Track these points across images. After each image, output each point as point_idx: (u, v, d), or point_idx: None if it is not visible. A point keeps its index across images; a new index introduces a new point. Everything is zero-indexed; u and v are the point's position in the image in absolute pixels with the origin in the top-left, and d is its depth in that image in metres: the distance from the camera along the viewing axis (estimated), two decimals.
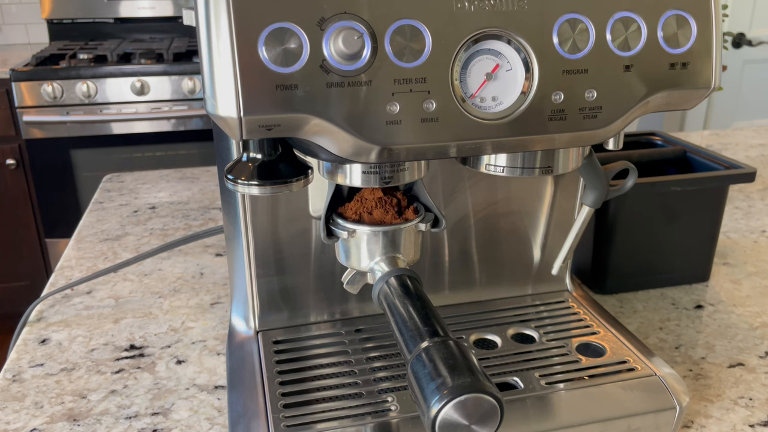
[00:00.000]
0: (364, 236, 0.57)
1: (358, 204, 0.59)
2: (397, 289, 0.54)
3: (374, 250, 0.58)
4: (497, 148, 0.51)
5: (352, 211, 0.59)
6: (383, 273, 0.56)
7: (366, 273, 0.59)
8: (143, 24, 2.73)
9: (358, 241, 0.58)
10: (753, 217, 1.12)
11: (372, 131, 0.46)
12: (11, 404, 0.67)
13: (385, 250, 0.58)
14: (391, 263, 0.57)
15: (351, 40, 0.44)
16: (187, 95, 2.25)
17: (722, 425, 0.64)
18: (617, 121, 0.51)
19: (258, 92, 0.43)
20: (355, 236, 0.58)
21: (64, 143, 2.24)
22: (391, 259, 0.57)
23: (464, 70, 0.47)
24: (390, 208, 0.59)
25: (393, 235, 0.57)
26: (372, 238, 0.57)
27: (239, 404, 0.61)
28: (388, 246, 0.57)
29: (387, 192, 0.60)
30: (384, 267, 0.57)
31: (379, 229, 0.57)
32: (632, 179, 0.67)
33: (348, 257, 0.59)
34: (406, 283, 0.54)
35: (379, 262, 0.57)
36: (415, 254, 0.60)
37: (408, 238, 0.58)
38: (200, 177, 1.32)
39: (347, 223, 0.58)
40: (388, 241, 0.57)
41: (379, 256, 0.58)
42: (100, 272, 0.87)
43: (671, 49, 0.51)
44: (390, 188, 0.60)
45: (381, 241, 0.57)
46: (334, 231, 0.58)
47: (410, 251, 0.59)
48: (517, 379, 0.62)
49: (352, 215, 0.59)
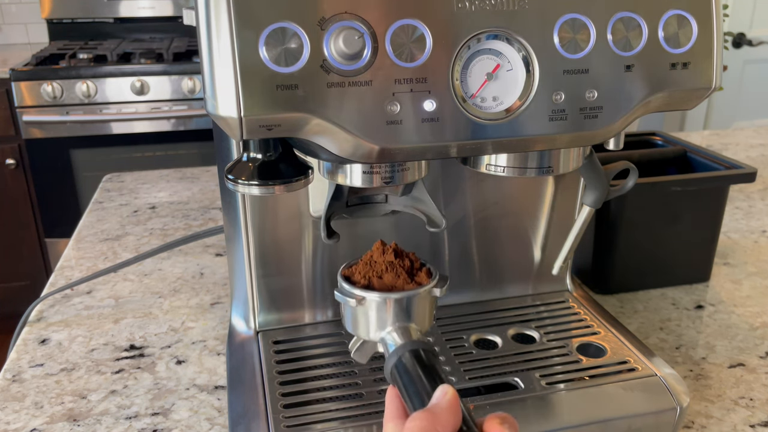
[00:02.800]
0: (374, 304, 0.53)
1: (367, 267, 0.55)
2: (412, 368, 0.48)
3: (385, 319, 0.53)
4: (498, 148, 0.51)
5: (361, 275, 0.54)
6: (396, 347, 0.51)
7: (375, 342, 0.55)
8: (143, 24, 2.73)
9: (367, 309, 0.53)
10: (753, 217, 1.12)
11: (372, 131, 0.46)
12: (11, 404, 0.67)
13: (397, 319, 0.53)
14: (404, 334, 0.52)
15: (351, 39, 0.44)
16: (187, 95, 2.25)
17: (723, 425, 0.64)
18: (618, 121, 0.51)
19: (258, 92, 0.43)
20: (365, 304, 0.53)
21: (64, 143, 2.24)
22: (403, 329, 0.52)
23: (465, 70, 0.47)
24: (401, 272, 0.54)
25: (406, 303, 0.53)
26: (382, 306, 0.52)
27: (239, 404, 0.61)
28: (401, 314, 0.53)
29: (398, 254, 0.56)
30: (396, 338, 0.52)
31: (391, 297, 0.52)
32: (633, 179, 0.67)
33: (356, 326, 0.55)
34: (423, 359, 0.49)
35: (391, 332, 0.52)
36: (429, 322, 0.55)
37: (422, 305, 0.53)
38: (200, 177, 1.32)
39: (355, 290, 0.53)
40: (401, 309, 0.53)
41: (390, 325, 0.53)
42: (100, 272, 0.86)
43: (672, 49, 0.50)
44: (401, 249, 0.56)
45: (392, 310, 0.52)
46: (341, 298, 0.54)
47: (424, 319, 0.54)
48: (517, 379, 0.62)
49: (361, 279, 0.54)
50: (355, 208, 0.65)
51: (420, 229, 0.71)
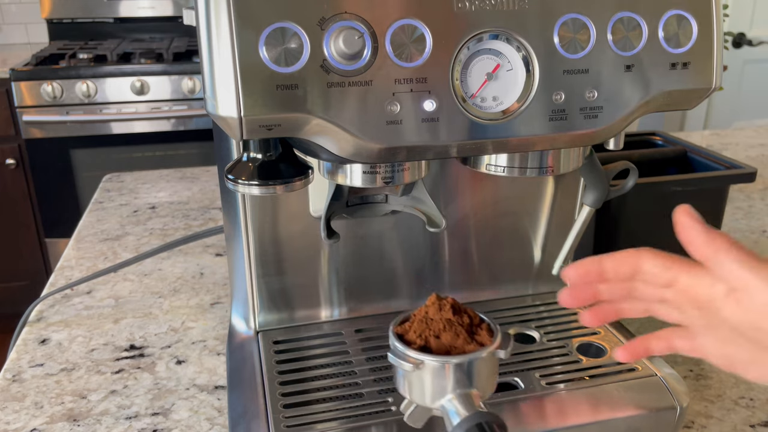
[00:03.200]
0: (433, 369, 0.48)
1: (423, 325, 0.50)
2: None
3: (445, 385, 0.48)
4: (498, 148, 0.51)
5: (416, 335, 0.50)
6: (461, 419, 0.46)
7: (430, 408, 0.50)
8: (143, 24, 2.73)
9: (425, 374, 0.48)
10: (753, 217, 1.12)
11: (372, 131, 0.46)
12: (11, 404, 0.67)
13: (458, 385, 0.48)
14: (467, 402, 0.47)
15: (351, 39, 0.44)
16: (187, 95, 2.25)
17: (723, 426, 0.64)
18: (618, 121, 0.51)
19: (258, 92, 0.43)
20: (422, 368, 0.48)
21: (63, 143, 2.24)
22: (465, 396, 0.48)
23: (465, 70, 0.47)
24: (461, 330, 0.50)
25: (467, 367, 0.48)
26: (442, 372, 0.48)
27: (239, 404, 0.61)
28: (462, 380, 0.48)
29: (456, 310, 0.51)
30: (459, 408, 0.47)
31: (452, 361, 0.47)
32: (633, 179, 0.67)
33: (410, 390, 0.50)
34: None
35: (452, 400, 0.48)
36: (492, 387, 0.51)
37: (485, 369, 0.49)
38: (200, 177, 1.32)
39: (411, 352, 0.48)
40: (462, 374, 0.48)
41: (450, 392, 0.48)
42: (100, 272, 0.86)
43: (672, 49, 0.50)
44: (459, 304, 0.52)
45: (453, 375, 0.48)
46: (395, 360, 0.49)
47: (487, 384, 0.50)
48: (517, 379, 0.62)
49: (416, 339, 0.49)
50: (355, 208, 0.65)
51: (420, 229, 0.71)
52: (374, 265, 0.71)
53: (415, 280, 0.73)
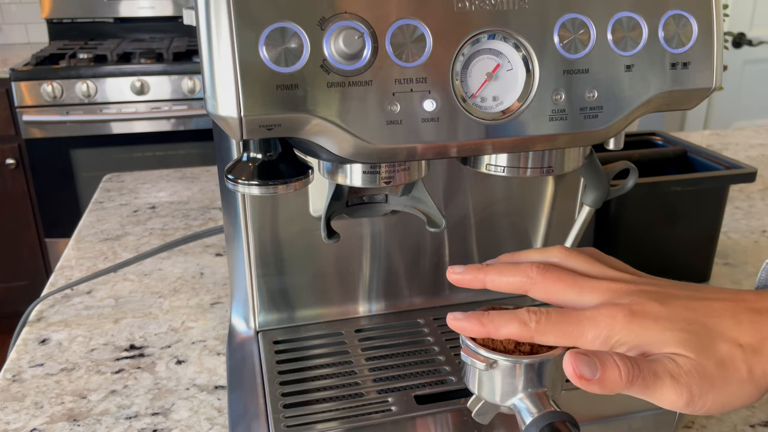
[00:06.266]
0: (506, 368, 0.49)
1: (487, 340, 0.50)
2: None
3: (516, 385, 0.49)
4: (498, 148, 0.51)
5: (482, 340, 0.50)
6: (534, 417, 0.47)
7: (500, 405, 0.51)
8: (143, 24, 2.73)
9: (497, 373, 0.49)
10: (754, 217, 1.12)
11: (372, 131, 0.46)
12: (11, 404, 0.67)
13: (530, 385, 0.49)
14: (539, 401, 0.48)
15: (351, 39, 0.44)
16: (187, 95, 2.25)
17: (723, 425, 0.64)
18: (618, 121, 0.51)
19: (258, 92, 0.43)
20: (495, 367, 0.49)
21: (63, 143, 2.24)
22: (536, 396, 0.49)
23: (465, 70, 0.47)
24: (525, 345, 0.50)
25: (539, 367, 0.49)
26: (513, 371, 0.48)
27: (239, 404, 0.61)
28: (535, 379, 0.49)
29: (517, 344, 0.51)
30: (531, 406, 0.48)
31: (524, 361, 0.48)
32: (633, 179, 0.67)
33: (480, 387, 0.50)
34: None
35: (523, 399, 0.49)
36: (560, 389, 0.51)
37: (554, 369, 0.50)
38: (200, 177, 1.32)
39: (484, 351, 0.49)
40: (534, 374, 0.49)
41: (521, 391, 0.49)
42: (100, 272, 0.86)
43: (672, 48, 0.50)
44: None
45: (524, 375, 0.49)
46: (467, 359, 0.49)
47: (556, 385, 0.51)
48: None
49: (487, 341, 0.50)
50: (355, 208, 0.65)
51: (420, 229, 0.71)
52: (374, 265, 0.71)
53: (415, 281, 0.73)
